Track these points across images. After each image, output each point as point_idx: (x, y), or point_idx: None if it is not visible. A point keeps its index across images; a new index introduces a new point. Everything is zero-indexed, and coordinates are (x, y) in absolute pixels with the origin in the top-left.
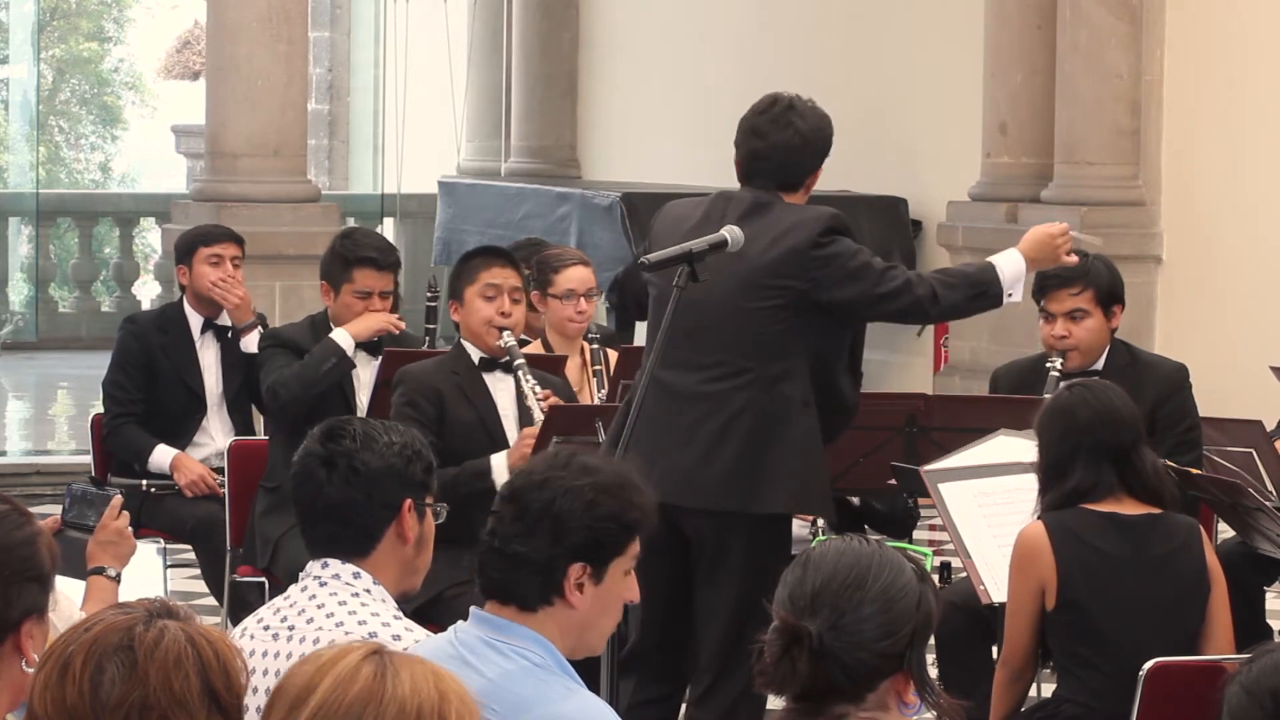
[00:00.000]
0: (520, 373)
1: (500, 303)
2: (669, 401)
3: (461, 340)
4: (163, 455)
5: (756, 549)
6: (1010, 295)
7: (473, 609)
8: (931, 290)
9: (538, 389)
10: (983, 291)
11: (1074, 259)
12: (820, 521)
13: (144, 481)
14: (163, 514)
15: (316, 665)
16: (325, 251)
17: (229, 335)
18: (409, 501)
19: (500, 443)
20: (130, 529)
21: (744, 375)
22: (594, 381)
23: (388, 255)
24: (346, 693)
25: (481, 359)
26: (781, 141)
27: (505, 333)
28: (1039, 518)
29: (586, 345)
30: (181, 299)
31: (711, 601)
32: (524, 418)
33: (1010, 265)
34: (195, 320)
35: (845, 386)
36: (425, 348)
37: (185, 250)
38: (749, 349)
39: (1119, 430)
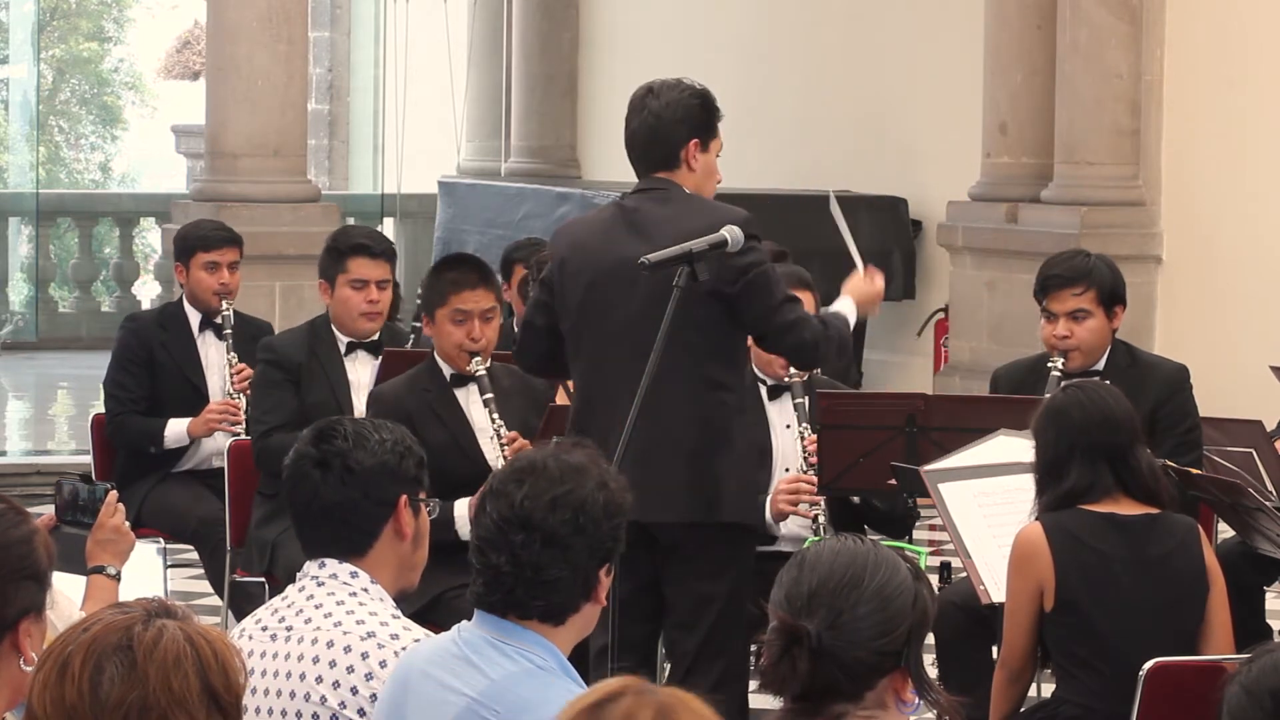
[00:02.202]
0: (489, 409)
1: (470, 327)
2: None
3: (434, 354)
4: (175, 427)
5: (724, 549)
6: None
7: (477, 610)
8: (815, 339)
9: (504, 430)
10: (843, 345)
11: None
12: (821, 519)
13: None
14: (165, 514)
15: None
16: (321, 252)
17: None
18: (404, 497)
19: (477, 460)
20: (127, 524)
21: (685, 382)
22: None
23: (380, 243)
24: None
25: (453, 375)
26: (638, 124)
27: (475, 359)
28: (1036, 519)
29: None
30: (181, 296)
31: (689, 599)
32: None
33: (852, 316)
34: (195, 317)
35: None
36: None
37: (183, 251)
38: (685, 352)
39: (1114, 431)
